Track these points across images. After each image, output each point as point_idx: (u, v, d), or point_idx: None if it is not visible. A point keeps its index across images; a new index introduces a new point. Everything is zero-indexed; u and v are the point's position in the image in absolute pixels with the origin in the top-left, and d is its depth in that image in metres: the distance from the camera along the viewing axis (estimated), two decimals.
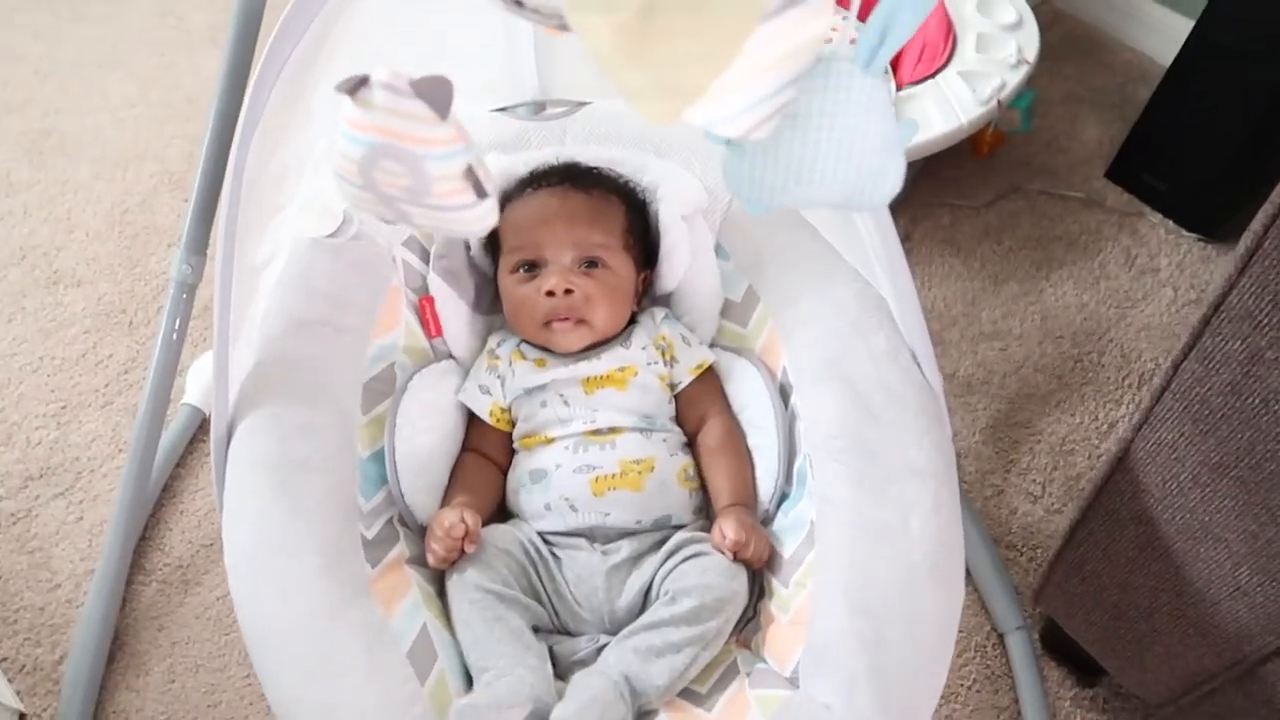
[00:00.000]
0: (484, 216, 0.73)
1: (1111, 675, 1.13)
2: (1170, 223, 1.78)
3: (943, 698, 0.75)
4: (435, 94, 0.65)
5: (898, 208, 1.63)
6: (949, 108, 1.58)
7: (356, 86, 0.65)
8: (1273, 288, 0.68)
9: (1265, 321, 0.69)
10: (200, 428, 1.45)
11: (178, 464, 1.40)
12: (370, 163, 0.69)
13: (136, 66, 2.17)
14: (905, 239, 1.70)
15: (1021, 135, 1.91)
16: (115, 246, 1.73)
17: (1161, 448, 0.84)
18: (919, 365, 0.89)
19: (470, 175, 0.69)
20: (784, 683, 0.80)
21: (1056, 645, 1.22)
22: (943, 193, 1.83)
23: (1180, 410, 0.80)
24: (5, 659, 1.21)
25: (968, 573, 1.25)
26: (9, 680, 1.18)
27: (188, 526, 1.35)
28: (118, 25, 2.28)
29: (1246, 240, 0.69)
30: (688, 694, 0.84)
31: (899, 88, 1.63)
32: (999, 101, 1.60)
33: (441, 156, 0.68)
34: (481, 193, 0.71)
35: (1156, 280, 1.69)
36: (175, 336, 1.11)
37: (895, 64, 1.66)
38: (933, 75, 1.64)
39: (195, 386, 1.45)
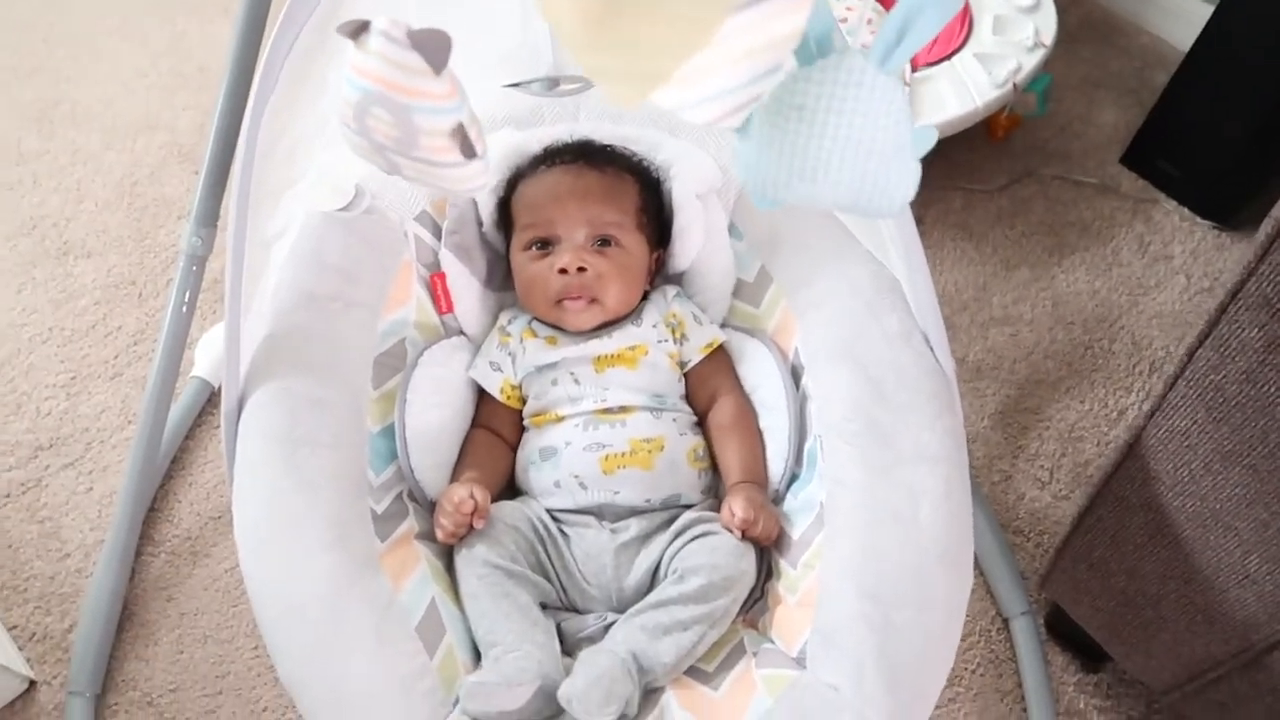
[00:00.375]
0: (473, 177, 0.73)
1: (1116, 661, 1.13)
2: (1185, 210, 1.76)
3: (946, 681, 0.75)
4: (431, 47, 0.64)
5: None
6: (964, 90, 1.57)
7: (358, 31, 0.65)
8: None
9: None
10: (209, 401, 1.45)
11: (187, 436, 1.41)
12: (364, 109, 0.69)
13: (148, 35, 2.15)
14: (917, 222, 1.69)
15: (1037, 119, 1.89)
16: (125, 217, 1.73)
17: (1174, 435, 0.84)
18: (931, 349, 0.89)
19: (458, 134, 0.69)
20: (791, 663, 0.80)
21: (1061, 631, 1.22)
22: (956, 176, 1.81)
23: (1194, 398, 0.80)
24: (16, 627, 1.22)
25: (974, 557, 1.25)
26: (19, 648, 1.19)
27: (197, 498, 1.35)
28: None
29: (1267, 227, 0.68)
30: (695, 672, 0.84)
31: (914, 69, 1.61)
32: (1015, 84, 1.59)
33: (430, 111, 0.67)
34: (469, 153, 0.70)
35: (1170, 267, 1.68)
36: (185, 309, 1.11)
37: None
38: (948, 57, 1.63)
39: (204, 359, 1.46)
